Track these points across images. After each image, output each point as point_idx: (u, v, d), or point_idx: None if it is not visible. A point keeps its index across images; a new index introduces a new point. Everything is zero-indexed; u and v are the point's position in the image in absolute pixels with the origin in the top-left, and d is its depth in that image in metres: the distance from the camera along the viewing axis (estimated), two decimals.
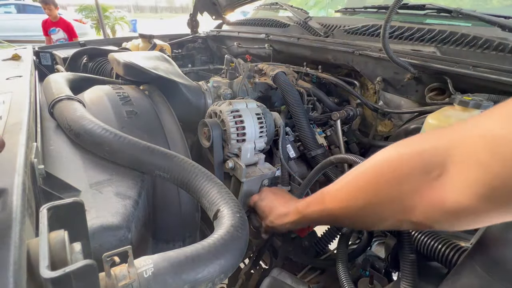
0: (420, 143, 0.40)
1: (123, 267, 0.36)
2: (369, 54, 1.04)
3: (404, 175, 0.40)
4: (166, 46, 1.72)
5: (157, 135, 0.80)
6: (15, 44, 6.15)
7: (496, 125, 0.30)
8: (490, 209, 0.32)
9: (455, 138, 0.35)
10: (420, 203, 0.38)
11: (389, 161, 0.43)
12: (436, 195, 0.36)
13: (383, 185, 0.43)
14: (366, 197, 0.46)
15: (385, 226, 0.49)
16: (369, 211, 0.47)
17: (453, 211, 0.35)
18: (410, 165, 0.39)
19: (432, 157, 0.36)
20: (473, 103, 0.68)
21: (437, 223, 0.39)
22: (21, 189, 0.38)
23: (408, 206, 0.40)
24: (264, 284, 0.68)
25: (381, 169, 0.44)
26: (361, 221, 0.51)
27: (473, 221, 0.36)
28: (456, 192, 0.34)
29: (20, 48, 1.31)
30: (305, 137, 1.01)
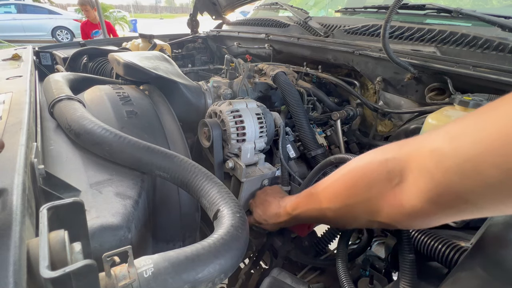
0: (386, 152, 0.45)
1: (123, 267, 0.36)
2: (369, 54, 1.04)
3: (372, 182, 0.45)
4: (166, 46, 1.72)
5: (157, 135, 0.80)
6: (15, 44, 6.16)
7: (441, 142, 0.35)
8: (437, 211, 0.38)
9: (411, 151, 0.40)
10: (384, 206, 0.44)
11: (360, 168, 0.49)
12: (397, 200, 0.42)
13: (355, 189, 0.49)
14: (342, 199, 0.52)
15: (360, 225, 0.57)
16: (345, 212, 0.53)
17: (409, 213, 0.41)
18: (377, 172, 0.44)
19: (394, 166, 0.42)
20: (473, 103, 0.68)
21: (398, 223, 0.45)
22: (21, 189, 0.38)
23: (376, 208, 0.45)
24: (264, 284, 0.68)
25: (355, 174, 0.50)
26: (341, 220, 0.58)
27: (425, 222, 0.42)
28: (411, 197, 0.39)
29: (20, 48, 1.32)
30: (305, 137, 1.01)
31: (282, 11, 1.87)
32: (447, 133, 0.35)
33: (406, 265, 0.53)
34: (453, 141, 0.34)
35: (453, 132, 0.35)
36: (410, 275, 0.52)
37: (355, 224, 0.58)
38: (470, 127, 0.33)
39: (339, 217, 0.56)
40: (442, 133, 0.36)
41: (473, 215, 0.36)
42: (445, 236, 0.57)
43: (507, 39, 0.83)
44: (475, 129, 0.32)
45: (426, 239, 0.57)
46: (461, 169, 0.32)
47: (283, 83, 1.07)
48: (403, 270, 0.53)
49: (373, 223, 0.49)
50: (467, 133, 0.33)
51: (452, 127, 0.35)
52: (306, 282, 0.69)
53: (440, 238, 0.56)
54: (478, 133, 0.31)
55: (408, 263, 0.53)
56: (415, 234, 0.59)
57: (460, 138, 0.33)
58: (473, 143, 0.31)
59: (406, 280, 0.52)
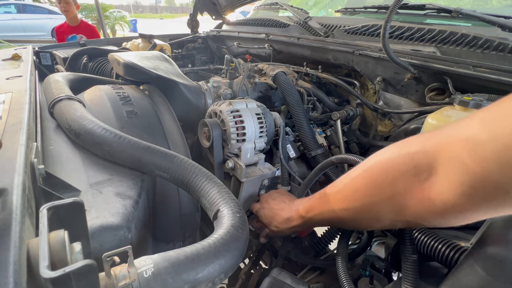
0: (410, 146, 0.42)
1: (123, 267, 0.36)
2: (369, 54, 1.04)
3: (397, 177, 0.42)
4: (166, 46, 1.72)
5: (157, 135, 0.80)
6: (15, 44, 6.15)
7: (475, 129, 0.32)
8: (472, 206, 0.35)
9: (441, 141, 0.37)
10: (411, 203, 0.41)
11: (382, 163, 0.45)
12: (426, 195, 0.38)
13: (378, 186, 0.45)
14: (363, 198, 0.48)
15: (383, 226, 0.51)
16: (367, 211, 0.49)
17: (441, 210, 0.38)
18: (402, 167, 0.41)
19: (421, 159, 0.39)
20: (473, 103, 0.68)
21: (427, 221, 0.42)
22: (21, 189, 0.38)
23: (401, 206, 0.42)
24: (264, 284, 0.68)
25: (376, 171, 0.46)
26: (360, 221, 0.53)
27: (458, 218, 0.39)
28: (443, 192, 0.36)
29: (20, 48, 1.31)
30: (305, 137, 1.01)
31: (282, 11, 1.87)
32: (482, 119, 0.32)
33: (408, 266, 0.53)
34: (489, 128, 0.31)
35: (489, 118, 0.32)
36: (413, 276, 0.52)
37: (377, 225, 0.53)
38: (508, 112, 0.30)
39: (359, 219, 0.52)
40: (476, 120, 0.33)
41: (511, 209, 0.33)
42: (445, 236, 0.57)
43: (507, 39, 0.83)
44: (509, 115, 0.29)
45: (426, 239, 0.57)
46: (500, 157, 0.29)
47: (283, 83, 1.07)
48: (405, 271, 0.53)
49: (398, 223, 0.46)
50: (506, 118, 0.30)
51: (487, 112, 0.32)
52: (306, 282, 0.69)
53: (440, 238, 0.56)
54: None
55: (410, 263, 0.53)
56: (415, 233, 0.59)
57: (497, 123, 0.30)
58: (510, 129, 0.28)
59: (408, 281, 0.52)
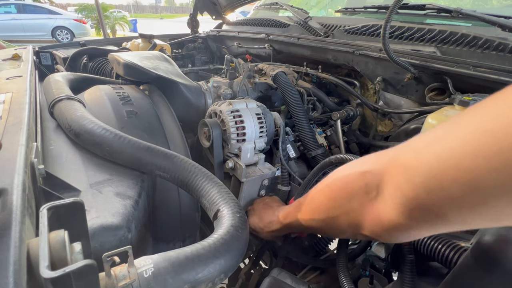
0: (364, 165, 0.45)
1: (123, 267, 0.36)
2: (369, 54, 1.04)
3: (352, 194, 0.45)
4: (166, 46, 1.72)
5: (157, 135, 0.80)
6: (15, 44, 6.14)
7: (410, 155, 0.35)
8: (412, 226, 0.37)
9: (386, 164, 0.40)
10: (365, 219, 0.43)
11: (340, 180, 0.49)
12: (376, 213, 0.41)
13: (336, 201, 0.48)
14: (325, 211, 0.52)
15: (346, 236, 0.55)
16: (330, 224, 0.52)
17: (388, 227, 0.40)
18: (355, 184, 0.44)
19: (371, 179, 0.41)
20: (473, 103, 0.68)
21: (379, 237, 0.44)
22: (21, 189, 0.38)
23: (357, 221, 0.45)
24: (264, 284, 0.68)
25: (335, 186, 0.50)
26: (327, 232, 0.57)
27: (403, 235, 0.41)
28: (387, 212, 0.39)
29: (20, 48, 1.31)
30: (305, 137, 1.01)
31: (282, 11, 1.87)
32: (415, 146, 0.36)
33: (406, 266, 0.53)
34: (419, 156, 0.34)
35: (420, 145, 0.35)
36: (410, 275, 0.52)
37: (342, 235, 0.57)
38: (434, 142, 0.33)
39: (325, 228, 0.56)
40: (411, 146, 0.36)
41: (448, 228, 0.35)
42: (445, 236, 0.57)
43: (507, 39, 0.83)
44: (438, 144, 0.32)
45: (426, 239, 0.57)
46: (426, 185, 0.32)
47: (283, 83, 1.07)
48: (403, 271, 0.53)
49: (358, 236, 0.49)
50: (431, 147, 0.33)
51: (420, 139, 0.35)
52: (306, 282, 0.69)
53: (440, 238, 0.56)
54: (441, 149, 0.31)
55: (408, 263, 0.53)
56: None
57: (425, 152, 0.33)
58: (436, 158, 0.31)
59: (406, 280, 0.52)
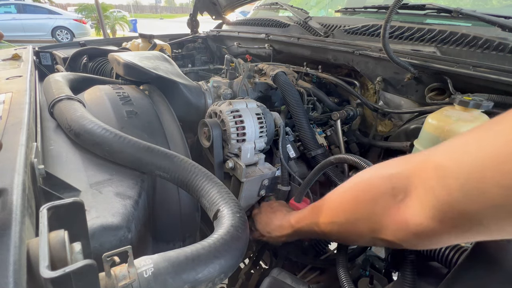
0: (391, 167, 0.44)
1: (123, 267, 0.36)
2: (369, 54, 1.04)
3: (376, 197, 0.44)
4: (166, 46, 1.72)
5: (157, 135, 0.80)
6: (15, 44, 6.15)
7: (444, 157, 0.34)
8: (442, 230, 0.36)
9: (416, 166, 0.39)
10: (389, 223, 0.42)
11: (366, 181, 0.48)
12: (401, 217, 0.40)
13: (360, 204, 0.47)
14: (347, 213, 0.50)
15: (364, 242, 0.52)
16: (350, 227, 0.51)
17: (415, 232, 0.39)
18: (381, 187, 0.43)
19: (398, 181, 0.40)
20: (473, 103, 0.68)
21: (404, 242, 0.42)
22: (21, 189, 0.38)
23: (380, 225, 0.44)
24: (264, 284, 0.68)
25: (359, 188, 0.49)
26: (344, 236, 0.55)
27: (432, 241, 0.39)
28: (416, 215, 0.38)
29: (20, 48, 1.31)
30: (305, 137, 1.01)
31: (282, 11, 1.87)
32: (450, 148, 0.35)
33: (406, 266, 0.53)
34: (455, 157, 0.33)
35: (455, 147, 0.34)
36: (411, 275, 0.52)
37: (360, 241, 0.55)
38: (472, 142, 0.32)
39: (343, 233, 0.54)
40: (445, 148, 0.35)
41: (481, 235, 0.34)
42: None
43: (507, 39, 0.83)
44: (476, 144, 0.31)
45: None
46: (463, 187, 0.31)
47: (283, 83, 1.07)
48: (403, 271, 0.53)
49: (377, 241, 0.47)
50: (469, 148, 0.32)
51: (455, 141, 0.35)
52: (306, 282, 0.69)
53: None
54: (479, 149, 0.30)
55: (408, 263, 0.53)
56: None
57: (461, 153, 0.32)
58: (474, 159, 0.30)
59: (406, 280, 0.52)
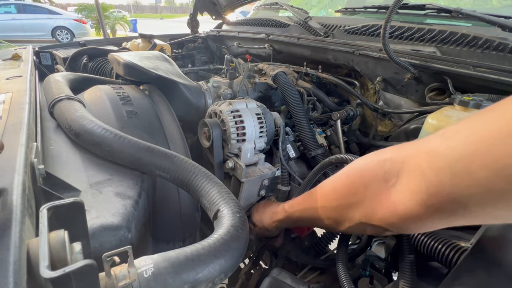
0: (385, 153, 0.44)
1: (123, 267, 0.36)
2: (369, 54, 1.04)
3: (369, 181, 0.45)
4: (166, 46, 1.72)
5: (157, 135, 0.80)
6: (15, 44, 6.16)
7: (436, 142, 0.36)
8: (428, 214, 0.37)
9: (408, 152, 0.40)
10: (379, 208, 0.43)
11: (360, 167, 0.49)
12: (391, 201, 0.41)
13: (352, 189, 0.48)
14: (340, 198, 0.52)
15: (353, 229, 0.53)
16: (340, 212, 0.52)
17: (402, 216, 0.40)
18: (374, 172, 0.44)
19: (391, 166, 0.41)
20: (473, 103, 0.68)
21: (391, 226, 0.44)
22: (21, 189, 0.38)
23: (371, 210, 0.45)
24: (264, 284, 0.68)
25: (353, 174, 0.50)
26: (334, 222, 0.56)
27: (417, 225, 0.41)
28: (403, 199, 0.39)
29: (20, 48, 1.32)
30: (305, 137, 1.01)
31: (282, 11, 1.87)
32: (443, 134, 0.36)
33: (406, 265, 0.53)
34: (447, 142, 0.34)
35: (448, 133, 0.35)
36: (410, 275, 0.52)
37: (348, 226, 0.54)
38: (465, 128, 0.33)
39: (333, 218, 0.55)
40: (438, 135, 0.37)
41: (465, 219, 0.35)
42: (445, 236, 0.57)
43: (507, 39, 0.83)
44: (469, 130, 0.33)
45: (426, 239, 0.57)
46: (452, 168, 0.32)
47: (283, 83, 1.07)
48: (403, 270, 0.53)
49: (366, 227, 0.48)
50: (461, 133, 0.33)
51: (449, 128, 0.36)
52: (306, 282, 0.69)
53: (440, 238, 0.56)
54: (471, 134, 0.32)
55: (408, 263, 0.53)
56: (415, 234, 0.59)
57: (453, 138, 0.33)
58: (465, 143, 0.32)
59: (406, 280, 0.52)
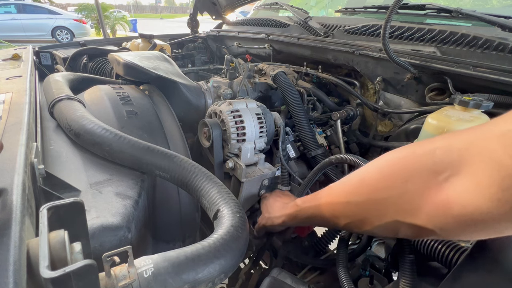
0: (433, 142, 0.37)
1: (123, 267, 0.36)
2: (369, 54, 1.04)
3: (412, 173, 0.38)
4: (166, 46, 1.72)
5: (157, 135, 0.80)
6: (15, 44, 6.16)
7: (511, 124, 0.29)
8: (500, 213, 0.29)
9: (471, 137, 0.33)
10: (425, 205, 0.36)
11: (398, 158, 0.41)
12: (444, 198, 0.34)
13: (389, 181, 0.41)
14: (370, 193, 0.44)
15: (382, 229, 0.45)
16: (368, 208, 0.44)
17: (458, 216, 0.33)
18: (419, 163, 0.37)
19: (444, 156, 0.34)
20: (473, 103, 0.68)
21: (442, 229, 0.36)
22: (21, 189, 0.38)
23: (412, 207, 0.37)
24: (264, 284, 0.68)
25: (388, 166, 0.42)
26: (358, 220, 0.48)
27: (481, 228, 0.33)
28: (463, 195, 0.32)
29: (20, 48, 1.31)
30: (305, 137, 1.01)
31: (282, 11, 1.87)
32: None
33: (406, 265, 0.53)
34: None
35: None
36: (410, 275, 0.52)
37: (376, 225, 0.45)
38: None
39: (358, 215, 0.47)
40: (507, 116, 0.30)
41: None
42: None
43: (507, 39, 0.83)
44: None
45: (426, 239, 0.57)
46: None
47: (283, 83, 1.07)
48: (403, 270, 0.53)
49: (402, 227, 0.40)
50: None
51: None
52: (306, 282, 0.69)
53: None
54: None
55: (408, 263, 0.53)
56: None
57: None
58: None
59: (405, 280, 0.52)
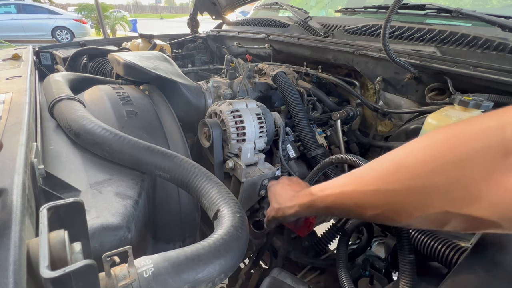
0: (503, 114, 0.30)
1: (123, 267, 0.36)
2: (369, 54, 1.04)
3: (470, 154, 0.31)
4: (166, 46, 1.72)
5: (157, 135, 0.80)
6: (15, 44, 6.16)
7: None
8: None
9: None
10: (488, 192, 0.30)
11: (447, 137, 0.34)
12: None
13: (436, 164, 0.34)
14: (409, 179, 0.37)
15: (425, 220, 0.37)
16: (408, 197, 0.37)
17: None
18: (481, 141, 0.31)
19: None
20: (473, 103, 0.68)
21: (509, 220, 0.31)
22: (21, 189, 0.38)
23: (471, 193, 0.31)
24: (264, 284, 0.68)
25: (438, 144, 0.35)
26: (390, 210, 0.40)
27: None
28: None
29: (20, 48, 1.31)
30: (305, 137, 1.01)
31: (282, 11, 1.87)
32: None
33: (406, 265, 0.53)
34: None
35: None
36: (410, 275, 0.52)
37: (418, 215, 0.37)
38: None
39: (393, 204, 0.39)
40: None
41: None
42: (445, 236, 0.57)
43: (507, 39, 0.83)
44: None
45: (426, 239, 0.57)
46: None
47: (283, 83, 1.07)
48: (402, 270, 0.53)
49: (454, 219, 0.34)
50: None
51: None
52: (306, 282, 0.69)
53: (440, 238, 0.56)
54: None
55: (408, 263, 0.53)
56: (415, 234, 0.59)
57: None
58: None
59: (405, 280, 0.52)
